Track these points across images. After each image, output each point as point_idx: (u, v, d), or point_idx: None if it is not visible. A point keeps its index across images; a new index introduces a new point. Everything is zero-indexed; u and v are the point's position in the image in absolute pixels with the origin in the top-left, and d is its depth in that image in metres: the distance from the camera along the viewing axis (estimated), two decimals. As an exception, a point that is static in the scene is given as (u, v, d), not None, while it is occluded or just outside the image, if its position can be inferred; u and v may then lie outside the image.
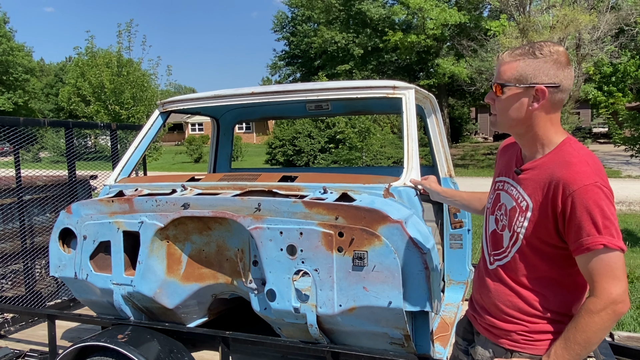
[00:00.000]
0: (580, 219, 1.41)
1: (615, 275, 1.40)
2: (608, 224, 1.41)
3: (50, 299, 4.25)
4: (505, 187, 1.67)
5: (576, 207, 1.42)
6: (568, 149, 1.53)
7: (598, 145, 28.49)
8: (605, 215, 1.41)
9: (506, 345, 1.61)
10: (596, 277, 1.41)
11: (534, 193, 1.53)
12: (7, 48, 43.26)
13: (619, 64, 26.53)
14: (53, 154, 13.94)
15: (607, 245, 1.40)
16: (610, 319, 1.39)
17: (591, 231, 1.41)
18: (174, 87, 22.79)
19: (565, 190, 1.44)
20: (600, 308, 1.39)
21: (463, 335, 1.88)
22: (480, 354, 1.69)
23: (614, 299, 1.39)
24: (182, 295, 2.69)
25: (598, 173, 1.45)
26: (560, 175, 1.46)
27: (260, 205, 2.41)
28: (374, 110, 4.49)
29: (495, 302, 1.64)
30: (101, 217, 2.79)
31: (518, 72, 1.53)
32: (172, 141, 46.78)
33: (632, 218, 11.10)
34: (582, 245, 1.42)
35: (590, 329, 1.40)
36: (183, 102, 3.27)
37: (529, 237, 1.54)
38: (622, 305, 1.40)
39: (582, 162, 1.47)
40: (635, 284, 6.14)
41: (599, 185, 1.42)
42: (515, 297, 1.59)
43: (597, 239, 1.40)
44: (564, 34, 19.15)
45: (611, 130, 12.02)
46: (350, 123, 18.51)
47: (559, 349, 1.45)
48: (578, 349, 1.42)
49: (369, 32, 31.90)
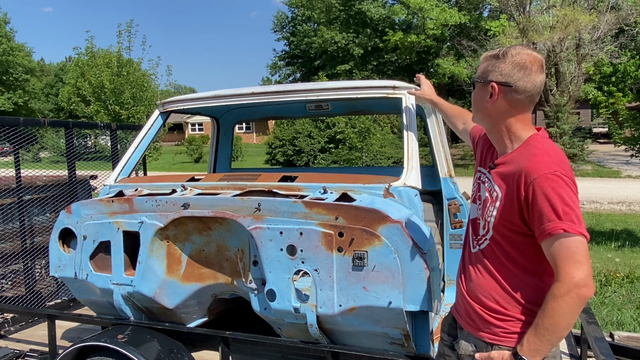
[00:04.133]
0: (541, 206, 1.48)
1: (576, 259, 1.44)
2: (568, 210, 1.46)
3: (50, 299, 4.26)
4: (482, 179, 1.78)
5: (537, 195, 1.49)
6: (534, 142, 1.62)
7: (598, 145, 28.47)
8: (565, 202, 1.47)
9: (486, 338, 1.65)
10: (558, 261, 1.46)
11: (502, 184, 1.63)
12: (7, 48, 43.28)
13: (619, 64, 26.54)
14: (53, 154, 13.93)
15: (567, 230, 1.45)
16: (574, 303, 1.43)
17: (551, 217, 1.47)
18: (174, 87, 22.76)
19: (527, 179, 1.52)
20: (564, 292, 1.43)
21: (448, 331, 1.91)
22: (463, 348, 1.73)
23: (577, 282, 1.43)
24: (182, 295, 2.69)
25: (559, 163, 1.52)
26: (523, 166, 1.55)
27: (260, 205, 2.41)
28: (374, 110, 4.49)
29: (476, 290, 1.69)
30: (101, 217, 2.79)
31: (482, 70, 1.68)
32: (172, 141, 46.76)
33: (632, 218, 11.10)
34: (544, 231, 1.48)
35: (556, 313, 1.44)
36: (183, 102, 3.27)
37: (497, 225, 1.62)
38: (586, 289, 1.43)
39: (544, 154, 1.55)
40: (635, 284, 6.14)
41: (558, 174, 1.49)
42: (494, 283, 1.65)
43: (558, 224, 1.46)
44: (564, 34, 19.15)
45: (611, 130, 12.02)
46: (350, 123, 18.52)
47: (530, 336, 1.50)
48: (547, 334, 1.46)
49: (369, 32, 31.89)
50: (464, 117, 2.32)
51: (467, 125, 2.24)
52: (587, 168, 20.70)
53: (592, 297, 5.69)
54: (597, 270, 6.72)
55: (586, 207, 12.70)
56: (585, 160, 20.98)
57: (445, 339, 1.92)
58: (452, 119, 2.41)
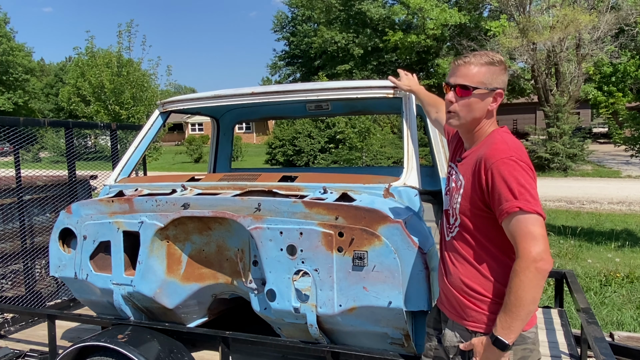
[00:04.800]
0: (499, 188, 1.59)
1: (533, 236, 1.52)
2: (523, 191, 1.56)
3: (50, 299, 4.26)
4: (450, 172, 1.90)
5: (495, 178, 1.61)
6: (495, 134, 1.76)
7: (598, 145, 28.46)
8: (520, 183, 1.57)
9: (470, 327, 1.71)
10: (517, 238, 1.55)
11: (465, 173, 1.75)
12: (7, 48, 43.27)
13: (619, 64, 26.52)
14: (53, 154, 13.94)
15: (522, 209, 1.54)
16: (534, 277, 1.51)
17: (508, 197, 1.57)
18: (174, 87, 22.74)
19: (486, 164, 1.64)
20: (524, 267, 1.52)
21: (434, 325, 1.94)
22: (448, 339, 1.78)
23: (534, 257, 1.51)
24: (182, 295, 2.69)
25: (515, 150, 1.64)
26: (483, 154, 1.68)
27: (260, 205, 2.41)
28: (373, 111, 4.49)
29: (454, 276, 1.77)
30: (101, 217, 2.79)
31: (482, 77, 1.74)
32: (172, 141, 46.76)
33: (632, 218, 11.10)
34: (502, 211, 1.58)
35: (520, 288, 1.52)
36: (183, 102, 3.27)
37: (463, 210, 1.74)
38: (543, 262, 1.51)
39: (501, 142, 1.69)
40: (635, 284, 6.14)
41: (513, 159, 1.61)
42: (469, 267, 1.73)
43: (514, 202, 1.56)
44: (564, 34, 19.15)
45: (611, 130, 12.04)
46: (350, 123, 18.51)
47: (501, 315, 1.58)
48: (515, 310, 1.54)
49: (369, 32, 31.90)
50: (438, 107, 2.42)
51: (440, 115, 2.36)
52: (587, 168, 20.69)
53: (593, 297, 5.69)
54: (597, 270, 6.72)
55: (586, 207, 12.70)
56: (585, 160, 20.95)
57: (431, 333, 1.95)
58: (426, 107, 2.51)
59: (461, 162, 1.82)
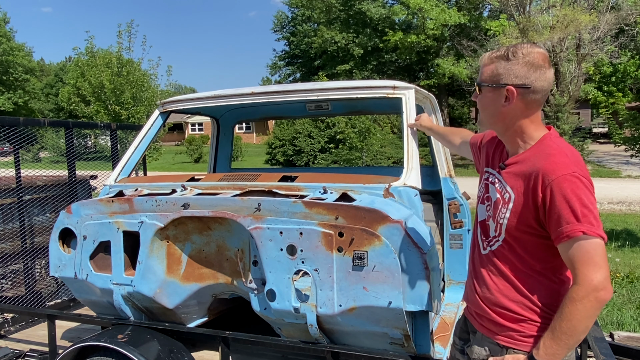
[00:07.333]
0: (560, 208, 1.46)
1: (595, 262, 1.42)
2: (586, 212, 1.44)
3: (50, 299, 4.26)
4: (491, 179, 1.74)
5: (555, 196, 1.47)
6: (548, 142, 1.60)
7: (598, 145, 28.46)
8: (584, 204, 1.44)
9: (502, 341, 1.63)
10: (577, 264, 1.44)
11: (515, 185, 1.59)
12: (7, 48, 43.28)
13: (619, 64, 26.53)
14: (53, 154, 13.92)
15: (586, 233, 1.43)
16: (593, 306, 1.41)
17: (570, 219, 1.44)
18: (174, 87, 22.79)
19: (545, 180, 1.49)
20: (583, 295, 1.41)
21: (460, 334, 1.90)
22: (476, 352, 1.70)
23: (595, 285, 1.41)
24: (182, 295, 2.69)
25: (576, 164, 1.50)
26: (539, 166, 1.52)
27: (260, 205, 2.41)
28: (374, 110, 4.49)
29: (490, 292, 1.66)
30: (101, 217, 2.79)
31: (490, 73, 1.62)
32: (172, 141, 46.74)
33: (632, 218, 11.10)
34: (562, 234, 1.46)
35: (575, 317, 1.42)
36: (183, 102, 3.27)
37: (510, 227, 1.60)
38: (604, 292, 1.41)
39: (560, 154, 1.53)
40: (635, 284, 6.14)
41: (576, 175, 1.47)
42: (507, 285, 1.62)
43: (576, 226, 1.43)
44: (564, 34, 19.15)
45: (611, 130, 12.02)
46: (350, 123, 18.50)
47: (547, 340, 1.48)
48: (565, 338, 1.44)
49: (369, 32, 31.90)
50: (461, 134, 2.32)
51: (465, 138, 2.23)
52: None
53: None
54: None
55: (586, 207, 12.69)
56: (585, 160, 20.98)
57: (456, 343, 1.91)
58: (448, 137, 2.41)
59: (507, 170, 1.65)
